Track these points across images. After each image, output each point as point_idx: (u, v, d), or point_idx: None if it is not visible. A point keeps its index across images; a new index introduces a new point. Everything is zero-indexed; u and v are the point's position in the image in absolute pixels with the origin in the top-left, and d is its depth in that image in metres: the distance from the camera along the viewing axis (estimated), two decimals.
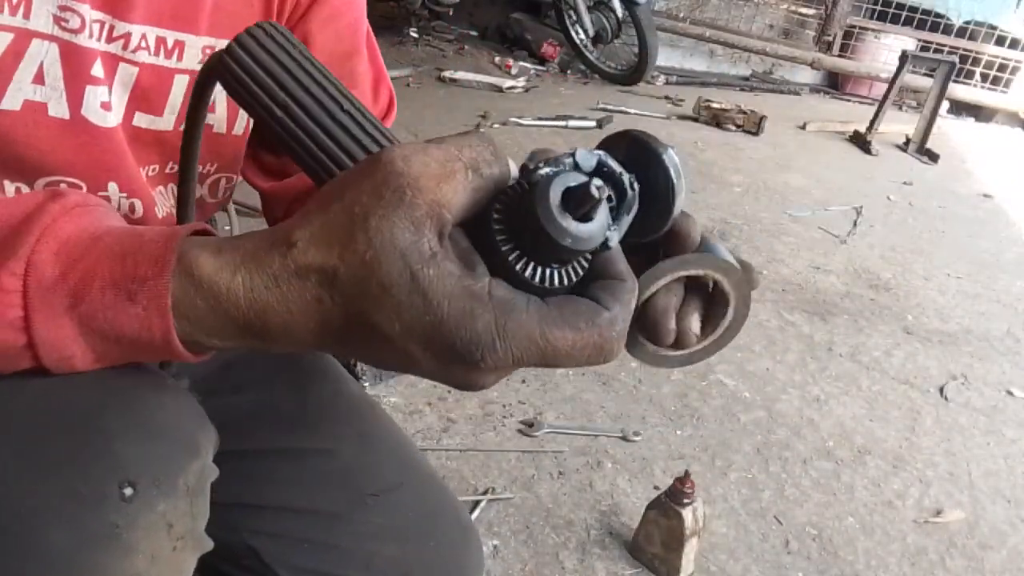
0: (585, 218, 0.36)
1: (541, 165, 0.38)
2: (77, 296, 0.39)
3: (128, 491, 0.40)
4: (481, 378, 0.39)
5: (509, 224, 0.38)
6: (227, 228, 1.99)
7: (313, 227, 0.38)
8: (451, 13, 5.45)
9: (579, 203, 0.36)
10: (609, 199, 0.38)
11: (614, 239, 0.38)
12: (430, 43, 5.27)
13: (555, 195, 0.36)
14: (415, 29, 5.36)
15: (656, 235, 0.44)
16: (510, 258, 0.37)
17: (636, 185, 0.39)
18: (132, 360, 0.42)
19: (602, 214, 0.37)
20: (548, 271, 0.38)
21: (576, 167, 0.38)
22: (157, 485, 0.41)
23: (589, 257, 0.40)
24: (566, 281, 0.39)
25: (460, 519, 0.80)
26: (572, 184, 0.36)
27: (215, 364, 0.75)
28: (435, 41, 5.34)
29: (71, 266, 0.40)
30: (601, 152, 0.39)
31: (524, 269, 0.38)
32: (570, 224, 0.36)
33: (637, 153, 0.41)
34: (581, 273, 0.40)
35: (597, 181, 0.36)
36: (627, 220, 0.39)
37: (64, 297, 0.39)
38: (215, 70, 0.44)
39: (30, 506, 0.39)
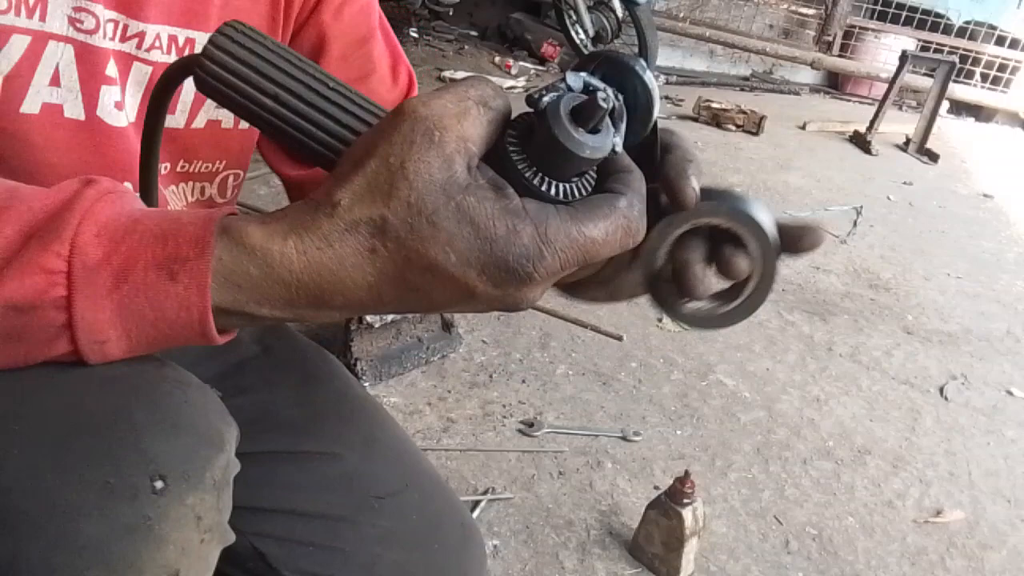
0: (594, 130, 0.40)
1: (542, 93, 0.41)
2: (120, 277, 0.40)
3: (159, 484, 0.41)
4: (532, 292, 0.41)
5: (525, 150, 0.41)
6: None
7: (353, 185, 0.40)
8: (451, 13, 5.46)
9: (588, 116, 0.40)
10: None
11: (619, 144, 0.42)
12: (430, 43, 5.27)
13: (565, 113, 0.40)
14: (415, 29, 5.37)
15: (640, 138, 0.47)
16: (534, 180, 0.41)
17: (620, 96, 0.43)
18: (163, 344, 0.43)
19: (606, 124, 0.41)
20: (567, 186, 0.42)
21: (569, 89, 0.41)
22: (186, 479, 0.42)
23: (595, 168, 0.44)
24: (583, 192, 0.43)
25: (464, 523, 0.80)
26: (577, 102, 0.40)
27: (222, 367, 0.75)
28: (435, 41, 5.34)
29: (114, 248, 0.40)
30: (584, 73, 0.43)
31: (546, 187, 0.41)
32: (584, 136, 0.40)
33: (611, 70, 0.45)
34: (593, 182, 0.44)
35: (601, 94, 0.40)
36: (622, 127, 0.43)
37: (108, 278, 0.40)
38: (191, 73, 0.45)
39: (64, 500, 0.39)
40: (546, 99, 0.40)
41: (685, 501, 1.28)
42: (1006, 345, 2.38)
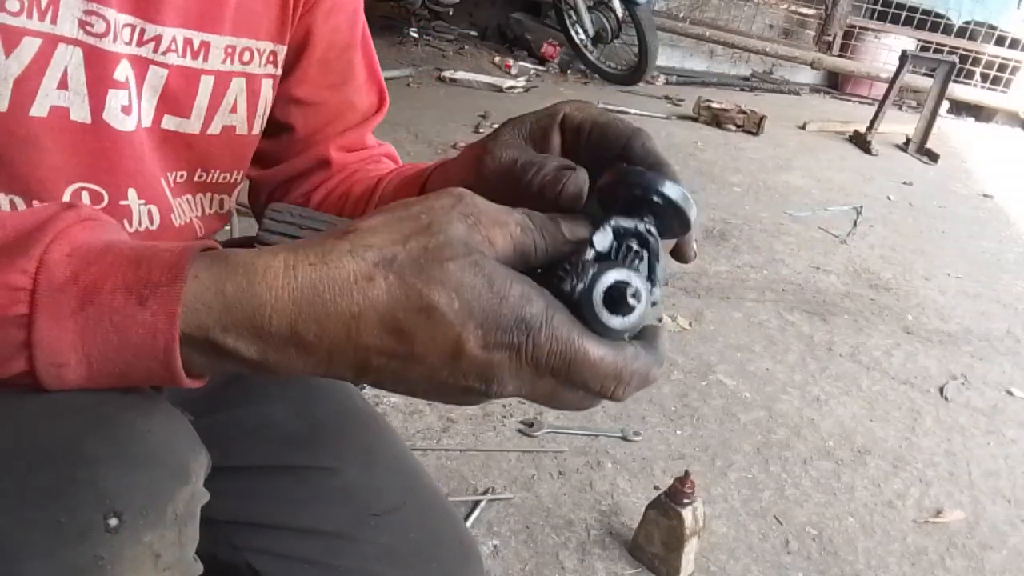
0: (627, 312, 0.40)
1: (571, 276, 0.41)
2: (86, 297, 0.39)
3: (113, 521, 0.38)
4: (508, 373, 0.40)
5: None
6: (227, 228, 1.99)
7: (374, 222, 0.40)
8: (451, 13, 5.46)
9: (618, 306, 0.40)
10: (638, 255, 0.42)
11: (657, 294, 0.42)
12: (430, 43, 5.27)
13: (598, 301, 0.40)
14: (415, 29, 5.37)
15: (679, 237, 0.47)
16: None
17: (653, 229, 0.43)
18: (124, 377, 0.41)
19: (641, 302, 0.41)
20: None
21: (599, 256, 0.42)
22: (144, 515, 0.40)
23: None
24: None
25: (462, 540, 0.80)
26: (609, 285, 0.40)
27: (220, 377, 0.75)
28: (435, 41, 5.34)
29: (83, 268, 0.39)
30: (612, 221, 0.42)
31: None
32: (617, 322, 0.40)
33: (634, 189, 0.44)
34: None
35: (631, 288, 0.40)
36: (659, 267, 0.43)
37: (73, 298, 0.39)
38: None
39: (10, 540, 0.37)
40: (579, 288, 0.40)
41: (685, 501, 1.28)
42: (1006, 345, 2.38)
